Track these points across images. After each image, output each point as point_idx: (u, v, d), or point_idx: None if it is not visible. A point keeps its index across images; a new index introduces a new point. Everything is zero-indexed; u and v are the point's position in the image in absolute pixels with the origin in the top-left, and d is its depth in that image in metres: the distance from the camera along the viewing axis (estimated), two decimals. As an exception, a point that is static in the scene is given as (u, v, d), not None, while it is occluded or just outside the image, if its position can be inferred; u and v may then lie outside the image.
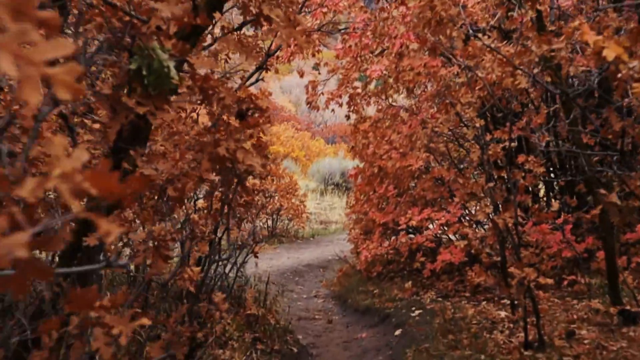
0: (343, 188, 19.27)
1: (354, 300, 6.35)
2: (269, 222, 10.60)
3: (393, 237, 6.60)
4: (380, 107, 7.53)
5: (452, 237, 6.70)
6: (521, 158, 4.51)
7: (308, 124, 47.02)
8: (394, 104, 7.72)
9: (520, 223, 4.18)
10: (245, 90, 4.52)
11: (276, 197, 10.37)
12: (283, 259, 8.94)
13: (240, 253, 4.67)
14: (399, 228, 6.25)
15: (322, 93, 7.07)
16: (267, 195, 10.42)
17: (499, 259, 4.68)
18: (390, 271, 6.98)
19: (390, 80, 8.32)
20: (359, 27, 6.88)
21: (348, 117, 7.26)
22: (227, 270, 4.61)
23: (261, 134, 4.81)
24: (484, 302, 5.79)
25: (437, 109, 8.12)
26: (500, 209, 4.08)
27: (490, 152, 4.68)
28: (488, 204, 4.14)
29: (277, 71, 7.97)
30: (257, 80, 5.26)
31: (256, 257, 4.64)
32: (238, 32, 4.62)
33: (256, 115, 4.91)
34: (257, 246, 4.60)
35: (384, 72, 6.27)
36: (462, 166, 7.23)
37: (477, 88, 4.98)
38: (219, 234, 4.04)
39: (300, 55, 7.20)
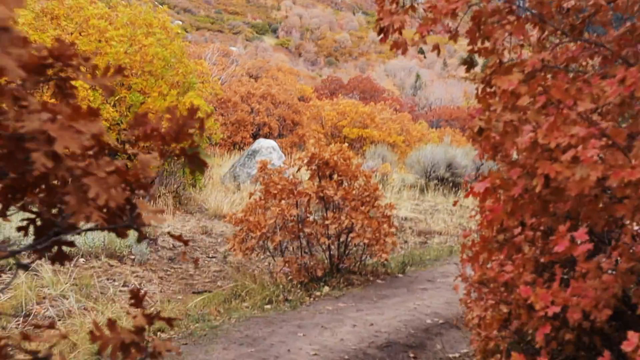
0: (449, 184, 14.90)
1: None
2: (331, 251, 6.70)
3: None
4: (542, 43, 3.46)
5: None
6: None
7: (411, 107, 42.58)
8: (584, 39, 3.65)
9: None
10: None
11: (345, 210, 6.54)
12: (344, 328, 5.04)
13: None
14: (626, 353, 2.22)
15: (412, 8, 3.15)
16: (329, 206, 6.59)
17: None
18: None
19: None
20: None
21: (469, 64, 3.25)
22: None
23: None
24: None
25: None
26: None
27: None
28: None
29: None
30: None
31: None
32: None
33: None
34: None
35: None
36: None
37: None
38: None
39: None
